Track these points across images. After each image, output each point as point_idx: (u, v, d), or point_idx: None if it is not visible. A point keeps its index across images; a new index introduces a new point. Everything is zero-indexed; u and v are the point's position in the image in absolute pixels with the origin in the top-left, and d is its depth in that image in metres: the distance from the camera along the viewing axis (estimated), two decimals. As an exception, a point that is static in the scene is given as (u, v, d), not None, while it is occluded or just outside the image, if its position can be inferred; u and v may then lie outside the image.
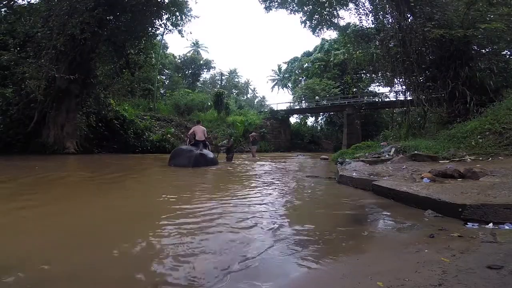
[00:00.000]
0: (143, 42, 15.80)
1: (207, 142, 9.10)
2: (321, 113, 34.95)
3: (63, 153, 11.87)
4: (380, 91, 28.61)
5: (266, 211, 2.95)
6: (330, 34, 32.81)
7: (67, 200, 3.53)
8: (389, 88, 19.24)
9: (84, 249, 1.89)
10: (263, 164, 9.82)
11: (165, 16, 16.65)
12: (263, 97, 52.07)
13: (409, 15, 11.28)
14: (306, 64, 37.05)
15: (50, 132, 12.16)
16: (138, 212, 3.03)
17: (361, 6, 14.77)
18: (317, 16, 16.87)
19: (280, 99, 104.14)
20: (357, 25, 16.09)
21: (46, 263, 1.60)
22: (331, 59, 33.68)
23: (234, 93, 44.08)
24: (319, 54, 36.02)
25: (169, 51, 38.19)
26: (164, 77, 35.68)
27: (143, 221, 2.65)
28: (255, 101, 49.92)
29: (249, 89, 53.01)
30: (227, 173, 6.97)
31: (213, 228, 2.33)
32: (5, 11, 12.90)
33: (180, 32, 19.40)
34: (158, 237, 2.12)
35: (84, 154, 12.61)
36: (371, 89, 31.25)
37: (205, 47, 46.00)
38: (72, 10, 11.19)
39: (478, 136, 6.86)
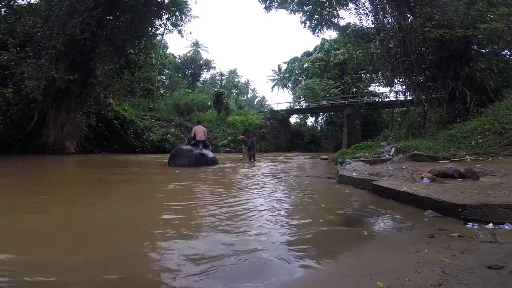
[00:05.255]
0: (143, 42, 15.83)
1: (207, 142, 9.10)
2: (321, 113, 34.92)
3: (63, 153, 11.88)
4: (380, 91, 28.61)
5: (265, 211, 2.95)
6: (330, 34, 32.65)
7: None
8: (389, 88, 19.25)
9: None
10: (263, 165, 9.82)
11: (165, 16, 16.69)
12: (263, 97, 52.12)
13: (409, 15, 11.28)
14: (306, 64, 37.02)
15: (50, 132, 12.17)
16: (139, 213, 3.03)
17: (361, 6, 14.80)
18: (317, 16, 16.88)
19: (280, 99, 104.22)
20: (357, 25, 16.10)
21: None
22: (331, 59, 33.65)
23: (234, 93, 44.03)
24: (319, 54, 36.00)
25: (169, 51, 38.22)
26: (164, 77, 35.66)
27: (141, 225, 2.65)
28: (255, 101, 49.90)
29: (249, 89, 53.04)
30: (227, 173, 6.97)
31: (211, 230, 2.33)
32: (5, 11, 12.89)
33: (180, 32, 19.50)
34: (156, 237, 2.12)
35: (84, 154, 12.61)
36: (371, 89, 31.21)
37: (205, 47, 45.99)
38: (72, 10, 11.20)
39: (478, 136, 6.86)
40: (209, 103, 28.53)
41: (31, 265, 1.59)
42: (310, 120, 37.69)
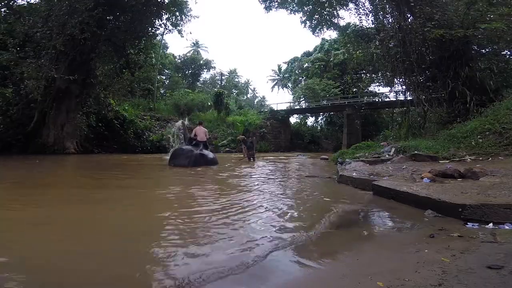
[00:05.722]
0: (143, 42, 15.82)
1: (207, 143, 9.10)
2: (321, 113, 34.92)
3: (63, 153, 11.88)
4: (380, 91, 28.60)
5: (265, 212, 2.95)
6: (330, 34, 32.71)
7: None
8: (389, 88, 19.24)
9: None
10: (262, 165, 9.82)
11: (165, 16, 16.68)
12: (263, 97, 52.08)
13: (409, 15, 11.28)
14: (306, 64, 37.02)
15: (50, 132, 12.17)
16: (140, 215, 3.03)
17: (361, 6, 14.80)
18: (317, 16, 16.88)
19: (280, 99, 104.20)
20: (357, 25, 16.10)
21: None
22: (331, 59, 33.65)
23: (234, 93, 44.01)
24: (319, 54, 36.00)
25: (169, 51, 38.19)
26: (164, 77, 35.64)
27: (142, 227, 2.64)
28: (255, 101, 49.87)
29: (249, 89, 53.02)
30: (227, 173, 6.96)
31: (210, 230, 2.32)
32: (4, 11, 12.89)
33: (180, 32, 19.49)
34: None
35: (84, 154, 12.61)
36: (371, 89, 31.19)
37: (205, 47, 45.99)
38: (71, 10, 11.19)
39: (478, 136, 6.86)
40: (209, 103, 28.51)
41: (33, 265, 1.59)
42: (310, 120, 37.73)
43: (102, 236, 2.20)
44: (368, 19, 14.74)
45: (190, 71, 39.14)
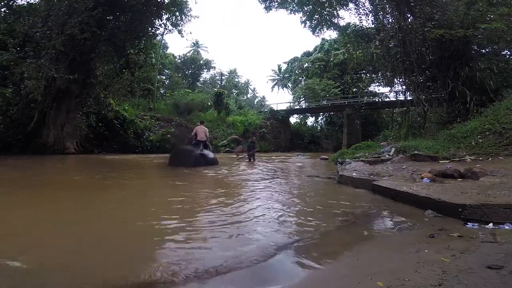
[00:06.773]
0: (143, 42, 15.81)
1: (207, 143, 9.07)
2: (321, 113, 34.91)
3: (63, 153, 11.87)
4: (380, 91, 28.59)
5: (265, 212, 2.95)
6: (330, 34, 32.61)
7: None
8: (389, 88, 19.21)
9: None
10: (263, 165, 9.81)
11: (165, 16, 16.68)
12: (263, 97, 52.05)
13: (409, 15, 11.28)
14: (306, 64, 37.01)
15: (50, 132, 12.16)
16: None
17: (361, 6, 14.79)
18: (317, 16, 16.88)
19: (280, 99, 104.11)
20: (357, 25, 16.09)
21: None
22: (331, 59, 33.65)
23: (234, 93, 43.99)
24: (319, 54, 36.00)
25: (169, 51, 38.18)
26: (164, 77, 35.64)
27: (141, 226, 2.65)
28: (255, 101, 49.86)
29: (249, 89, 52.99)
30: (227, 173, 6.96)
31: (209, 232, 2.32)
32: (4, 11, 12.90)
33: (180, 32, 19.49)
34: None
35: (84, 154, 12.61)
36: (371, 89, 31.19)
37: (205, 47, 46.00)
38: (71, 10, 11.19)
39: (478, 136, 6.86)
40: (209, 103, 28.52)
41: (32, 266, 1.59)
42: (310, 120, 37.73)
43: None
44: (368, 19, 14.75)
45: (190, 71, 39.15)
